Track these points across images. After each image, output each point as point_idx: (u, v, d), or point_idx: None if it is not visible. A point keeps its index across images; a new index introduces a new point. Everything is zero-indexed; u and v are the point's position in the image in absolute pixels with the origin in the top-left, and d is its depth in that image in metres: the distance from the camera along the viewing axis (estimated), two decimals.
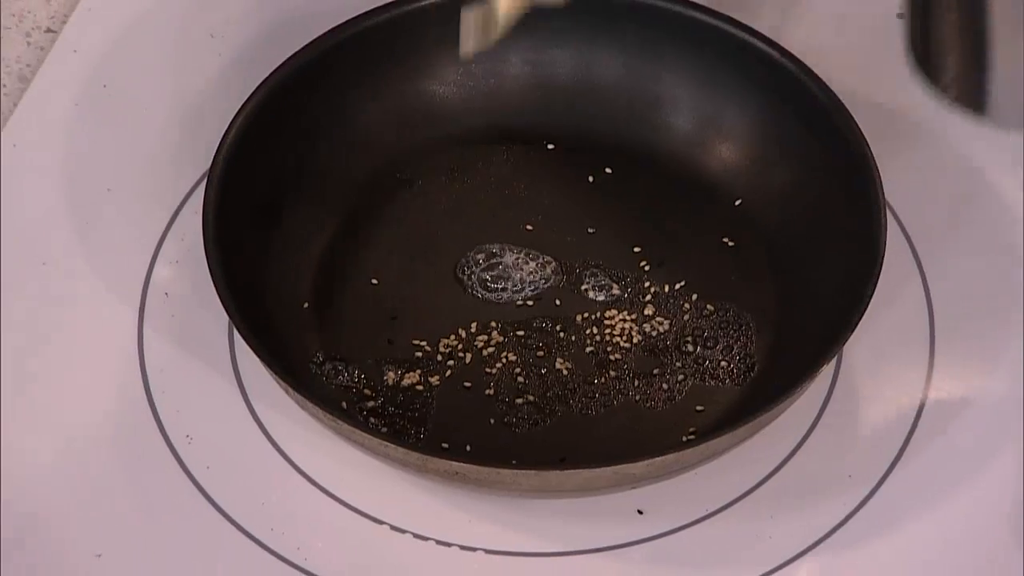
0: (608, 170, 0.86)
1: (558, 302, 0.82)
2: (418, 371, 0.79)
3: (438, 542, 0.75)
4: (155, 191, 0.86)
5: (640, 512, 0.76)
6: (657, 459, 0.70)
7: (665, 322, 0.81)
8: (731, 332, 0.80)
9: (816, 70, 0.81)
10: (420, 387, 0.79)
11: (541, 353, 0.80)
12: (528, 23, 0.84)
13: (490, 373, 0.79)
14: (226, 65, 0.92)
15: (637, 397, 0.78)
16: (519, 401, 0.78)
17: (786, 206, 0.82)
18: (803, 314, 0.79)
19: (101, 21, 0.93)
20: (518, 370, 0.79)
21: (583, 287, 0.82)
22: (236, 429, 0.78)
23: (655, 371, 0.79)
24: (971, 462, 0.77)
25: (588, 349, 0.80)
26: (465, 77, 0.86)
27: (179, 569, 0.75)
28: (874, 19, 0.93)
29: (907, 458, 0.77)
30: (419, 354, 0.80)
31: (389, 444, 0.71)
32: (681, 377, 0.79)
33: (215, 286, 0.74)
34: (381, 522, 0.76)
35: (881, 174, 0.77)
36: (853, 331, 0.73)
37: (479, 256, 0.83)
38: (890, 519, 0.75)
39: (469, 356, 0.80)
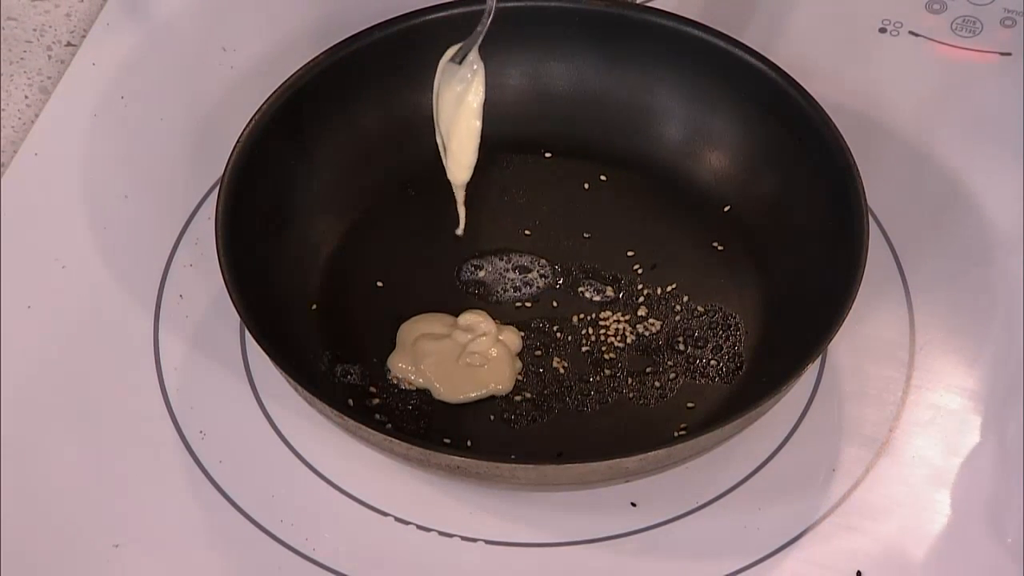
0: (603, 178, 0.87)
1: (555, 304, 0.82)
2: None
3: (440, 533, 0.76)
4: (170, 198, 0.87)
5: (633, 504, 0.76)
6: (650, 454, 0.71)
7: (657, 323, 0.81)
8: (720, 332, 0.81)
9: (802, 82, 0.82)
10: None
11: (539, 352, 0.81)
12: (526, 39, 0.86)
13: None
14: (238, 77, 0.93)
15: (631, 395, 0.79)
16: (518, 398, 0.79)
17: (773, 212, 0.83)
18: (789, 315, 0.80)
19: (119, 36, 0.94)
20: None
21: (579, 289, 0.83)
22: (247, 425, 0.79)
23: (648, 370, 0.80)
24: (950, 457, 0.78)
25: (584, 349, 0.81)
26: None
27: (192, 559, 0.75)
28: (857, 33, 0.95)
29: (889, 453, 0.78)
30: None
31: (393, 440, 0.71)
32: (673, 375, 0.80)
33: (227, 288, 0.75)
34: (386, 514, 0.76)
35: (864, 181, 0.78)
36: (837, 332, 0.74)
37: (480, 260, 0.84)
38: (872, 511, 0.76)
39: None
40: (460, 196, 0.80)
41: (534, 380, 0.80)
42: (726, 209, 0.85)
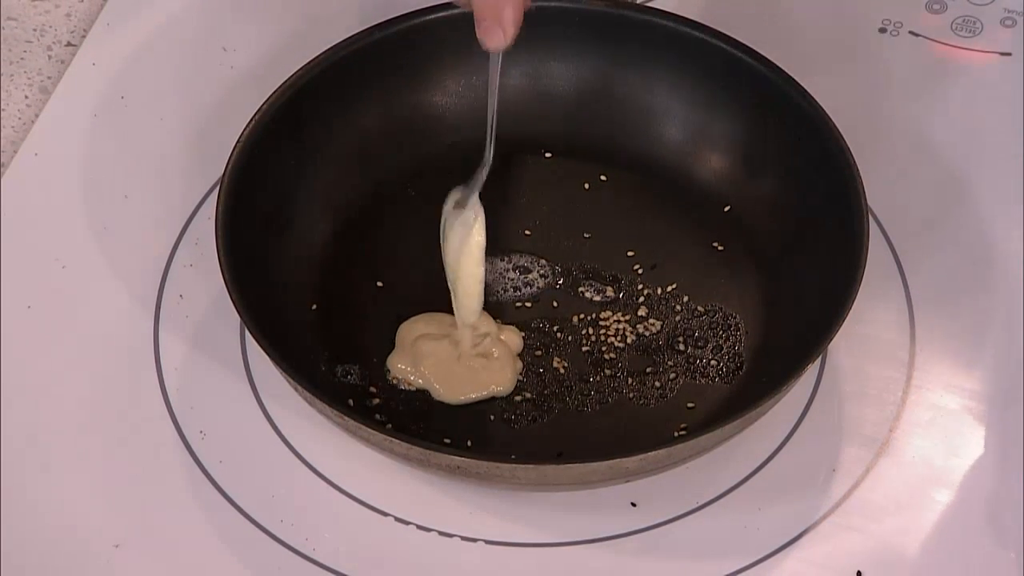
0: (603, 178, 0.87)
1: (555, 304, 0.82)
2: None
3: (440, 533, 0.76)
4: (170, 198, 0.87)
5: (633, 504, 0.76)
6: (650, 454, 0.71)
7: (657, 323, 0.81)
8: (720, 332, 0.81)
9: (802, 82, 0.82)
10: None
11: (539, 352, 0.81)
12: (527, 39, 0.86)
13: None
14: (238, 77, 0.93)
15: (631, 395, 0.79)
16: (518, 398, 0.79)
17: (773, 212, 0.83)
18: (789, 315, 0.80)
19: (119, 36, 0.95)
20: None
21: (579, 289, 0.83)
22: (247, 425, 0.79)
23: (648, 370, 0.80)
24: (950, 457, 0.78)
25: (584, 349, 0.81)
26: (467, 89, 0.87)
27: (193, 559, 0.75)
28: (857, 33, 0.95)
29: (889, 453, 0.78)
30: None
31: (394, 439, 0.71)
32: (673, 375, 0.80)
33: (227, 288, 0.75)
34: (386, 514, 0.76)
35: (863, 181, 0.78)
36: (837, 332, 0.74)
37: None
38: (873, 512, 0.76)
39: None
40: (467, 337, 0.80)
41: (534, 380, 0.80)
42: (726, 209, 0.85)
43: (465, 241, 0.77)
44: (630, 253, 0.84)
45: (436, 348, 0.79)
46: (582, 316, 0.82)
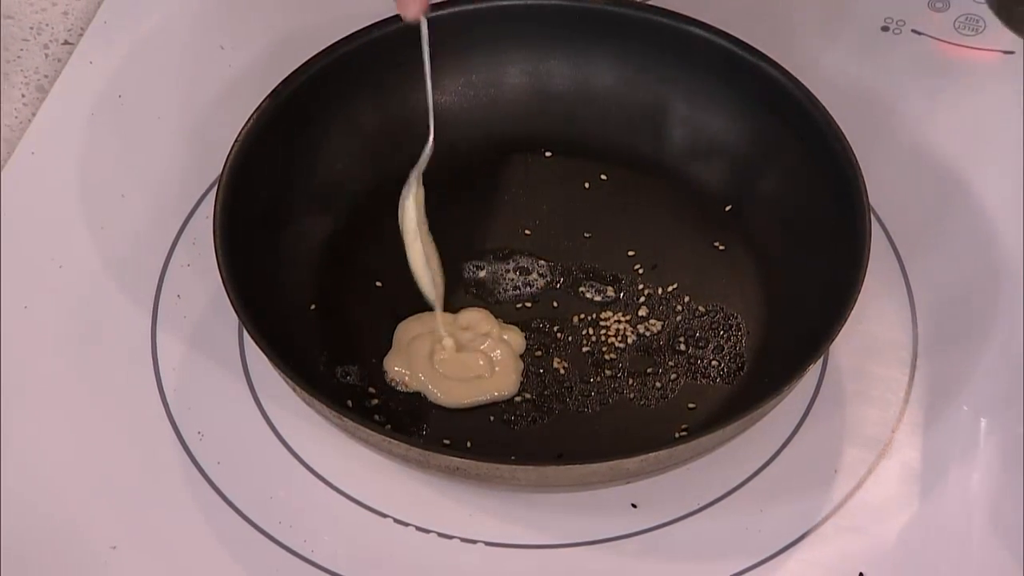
0: (603, 177, 0.87)
1: (555, 304, 0.82)
2: None
3: (440, 535, 0.76)
4: (168, 197, 0.87)
5: (634, 506, 0.76)
6: (651, 455, 0.71)
7: (658, 323, 0.81)
8: (721, 332, 0.81)
9: (804, 81, 0.82)
10: None
11: (539, 353, 0.80)
12: (527, 36, 0.86)
13: None
14: (236, 76, 0.93)
15: (631, 395, 0.79)
16: (518, 399, 0.79)
17: (775, 212, 0.83)
18: (791, 315, 0.79)
19: (116, 34, 0.95)
20: None
21: (580, 289, 0.83)
22: (245, 425, 0.79)
23: (649, 370, 0.80)
24: (954, 458, 0.78)
25: (584, 349, 0.81)
26: (466, 87, 0.87)
27: (190, 560, 0.75)
28: (860, 31, 0.95)
29: (891, 454, 0.78)
30: None
31: (392, 440, 0.71)
32: (674, 376, 0.80)
33: (225, 288, 0.75)
34: (385, 515, 0.76)
35: (866, 180, 0.78)
36: (839, 332, 0.73)
37: (479, 260, 0.83)
38: (875, 513, 0.76)
39: None
40: (439, 324, 0.80)
41: (534, 381, 0.80)
42: (727, 209, 0.85)
43: (405, 223, 0.77)
44: (630, 253, 0.84)
45: (433, 349, 0.79)
46: (582, 316, 0.82)
